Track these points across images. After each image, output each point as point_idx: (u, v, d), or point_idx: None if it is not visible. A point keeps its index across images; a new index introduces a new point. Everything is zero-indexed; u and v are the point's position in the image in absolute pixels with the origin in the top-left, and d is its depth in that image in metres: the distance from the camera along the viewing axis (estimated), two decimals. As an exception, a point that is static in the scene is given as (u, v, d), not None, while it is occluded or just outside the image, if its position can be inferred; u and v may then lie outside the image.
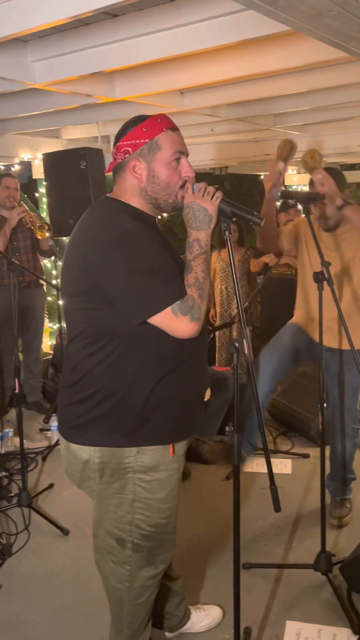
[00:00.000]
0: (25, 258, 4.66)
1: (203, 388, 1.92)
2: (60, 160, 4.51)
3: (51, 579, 2.77)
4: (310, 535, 3.03)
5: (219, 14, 2.38)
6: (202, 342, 1.91)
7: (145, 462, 1.79)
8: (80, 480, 1.88)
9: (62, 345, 4.86)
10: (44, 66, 2.90)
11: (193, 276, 1.69)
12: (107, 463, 1.79)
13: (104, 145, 5.19)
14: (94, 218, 1.77)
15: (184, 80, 3.17)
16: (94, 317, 1.72)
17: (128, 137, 1.76)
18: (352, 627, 2.35)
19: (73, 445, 1.83)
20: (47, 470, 3.91)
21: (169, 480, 1.85)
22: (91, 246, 1.69)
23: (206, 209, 1.74)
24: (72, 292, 1.76)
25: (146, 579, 1.92)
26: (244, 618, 2.15)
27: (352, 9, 1.51)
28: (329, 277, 2.41)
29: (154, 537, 1.87)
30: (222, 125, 4.82)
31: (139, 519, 1.83)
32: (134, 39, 2.62)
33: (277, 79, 3.44)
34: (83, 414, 1.79)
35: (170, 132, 1.77)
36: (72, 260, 1.76)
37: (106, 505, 1.85)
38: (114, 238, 1.66)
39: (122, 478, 1.80)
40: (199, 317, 1.66)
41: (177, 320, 1.63)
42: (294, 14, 1.53)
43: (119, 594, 1.94)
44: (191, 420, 1.89)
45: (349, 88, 3.66)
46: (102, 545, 1.91)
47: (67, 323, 1.86)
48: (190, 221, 1.75)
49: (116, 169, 1.82)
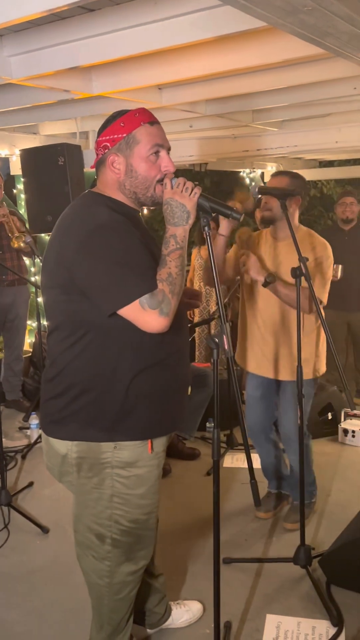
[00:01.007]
0: (8, 256, 4.62)
1: (184, 384, 1.92)
2: (38, 157, 4.47)
3: (31, 577, 2.76)
4: (289, 529, 3.05)
5: (196, 9, 2.37)
6: (183, 337, 1.91)
7: (123, 458, 1.79)
8: (59, 474, 1.88)
9: (41, 343, 4.82)
10: (21, 61, 2.86)
11: (166, 271, 1.69)
12: (84, 458, 1.78)
13: (82, 142, 5.16)
14: (73, 211, 1.78)
15: (162, 76, 3.15)
16: (70, 310, 1.72)
17: (107, 133, 1.77)
18: (330, 619, 2.37)
19: (52, 439, 1.83)
20: (27, 469, 3.89)
21: (149, 476, 1.85)
22: (68, 238, 1.69)
23: (184, 205, 1.73)
24: (50, 284, 1.76)
25: (126, 574, 1.91)
26: (225, 612, 2.16)
27: (326, 4, 1.52)
28: (306, 272, 2.43)
29: (133, 533, 1.87)
30: (201, 121, 4.81)
31: (118, 514, 1.83)
32: (111, 33, 2.59)
33: (255, 75, 3.43)
34: (62, 408, 1.78)
35: (148, 125, 1.77)
36: (50, 253, 1.76)
37: (85, 500, 1.84)
38: (90, 230, 1.66)
39: (101, 473, 1.79)
40: (169, 312, 1.65)
41: (145, 313, 1.63)
42: (268, 9, 1.53)
43: (99, 590, 1.94)
44: (171, 416, 1.89)
45: (327, 85, 3.67)
46: (82, 541, 1.91)
47: (47, 317, 1.85)
48: (168, 217, 1.75)
49: (98, 164, 1.83)
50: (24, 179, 4.64)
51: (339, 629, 2.33)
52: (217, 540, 1.99)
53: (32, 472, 3.82)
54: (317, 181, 8.94)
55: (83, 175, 4.53)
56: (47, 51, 2.77)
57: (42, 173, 4.42)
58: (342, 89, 3.67)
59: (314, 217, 9.63)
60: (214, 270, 1.86)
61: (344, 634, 2.31)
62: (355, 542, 2.50)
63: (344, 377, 2.39)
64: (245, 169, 7.34)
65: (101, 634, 2.00)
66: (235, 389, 1.94)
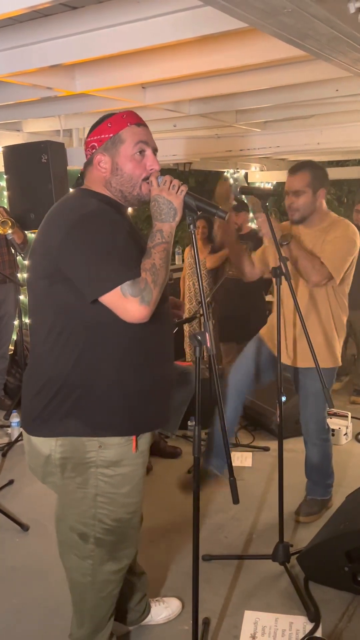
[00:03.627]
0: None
1: (169, 381, 1.93)
2: (21, 154, 4.45)
3: (10, 574, 2.75)
4: (269, 526, 3.07)
5: (178, 9, 2.38)
6: (167, 334, 1.92)
7: (107, 457, 1.79)
8: (43, 475, 1.87)
9: (23, 341, 4.80)
10: (2, 57, 2.85)
11: (150, 262, 1.70)
12: (68, 458, 1.78)
13: (66, 139, 5.14)
14: (61, 204, 1.80)
15: (145, 75, 3.16)
16: (54, 303, 1.74)
17: (95, 133, 1.81)
18: (308, 615, 2.40)
19: (34, 439, 1.82)
20: (7, 467, 3.87)
21: (133, 475, 1.85)
22: (55, 228, 1.71)
23: (171, 202, 1.76)
24: (35, 277, 1.77)
25: (109, 573, 1.92)
26: (203, 609, 2.18)
27: (305, 7, 1.53)
28: (286, 271, 2.45)
29: (117, 532, 1.87)
30: (184, 121, 4.83)
31: (102, 514, 1.83)
32: (94, 31, 2.60)
33: (239, 75, 3.46)
34: (44, 405, 1.78)
35: (135, 126, 1.80)
36: (37, 245, 1.78)
37: (69, 500, 1.85)
38: (76, 219, 1.69)
39: (85, 473, 1.79)
40: (150, 300, 1.66)
41: (126, 300, 1.64)
42: (248, 10, 1.54)
43: (81, 588, 1.94)
44: (156, 412, 1.90)
45: (309, 86, 3.71)
46: (64, 540, 1.91)
47: (30, 313, 1.86)
48: (155, 214, 1.77)
49: (86, 164, 1.86)
50: (7, 175, 4.62)
51: (316, 624, 2.36)
52: (196, 536, 2.01)
53: (13, 470, 3.81)
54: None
55: (66, 173, 4.52)
56: (29, 48, 2.76)
57: (25, 170, 4.40)
58: (325, 91, 3.71)
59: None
60: (197, 268, 1.89)
61: (320, 630, 2.34)
62: (333, 539, 2.53)
63: (321, 375, 2.41)
64: (229, 169, 7.38)
65: (82, 630, 2.00)
66: (217, 387, 1.96)
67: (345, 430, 4.20)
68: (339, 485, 3.49)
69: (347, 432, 4.22)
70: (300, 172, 2.90)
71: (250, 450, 4.05)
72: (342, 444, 4.16)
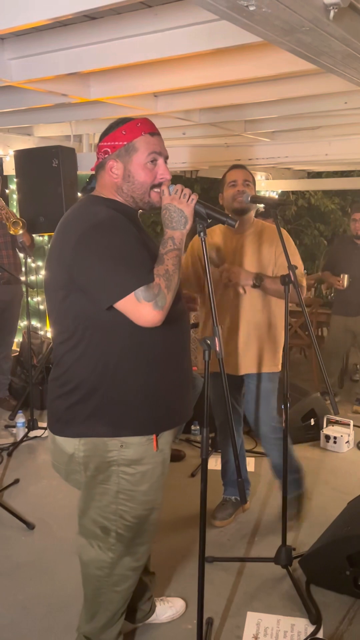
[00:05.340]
0: (5, 254, 4.64)
1: (187, 379, 1.97)
2: (32, 158, 4.52)
3: (16, 572, 2.79)
4: (271, 530, 3.11)
5: (195, 22, 2.44)
6: (185, 334, 1.96)
7: (128, 456, 1.84)
8: (66, 473, 1.93)
9: (30, 343, 4.85)
10: (21, 64, 2.92)
11: (163, 268, 1.75)
12: (91, 457, 1.83)
13: (76, 144, 5.21)
14: (73, 213, 1.84)
15: (158, 84, 3.23)
16: (72, 310, 1.78)
17: (108, 139, 1.84)
18: (309, 618, 2.44)
19: (58, 438, 1.87)
20: (13, 466, 3.92)
21: (152, 473, 1.90)
22: (68, 237, 1.75)
23: (182, 211, 1.81)
24: (54, 287, 1.81)
25: (127, 568, 1.97)
26: (206, 609, 2.21)
27: (322, 25, 1.59)
28: (295, 280, 2.51)
29: (135, 528, 1.92)
30: (194, 129, 4.89)
31: (122, 510, 1.88)
32: (111, 42, 2.66)
33: (249, 86, 3.52)
34: (68, 407, 1.83)
35: (148, 136, 1.84)
36: (52, 255, 1.82)
37: (91, 494, 1.89)
38: (87, 227, 1.72)
39: (107, 471, 1.84)
40: (163, 305, 1.70)
41: (140, 306, 1.67)
42: (268, 28, 1.60)
43: (97, 582, 1.98)
44: (176, 410, 1.94)
45: (317, 98, 3.77)
46: (86, 533, 1.95)
47: (50, 320, 1.90)
48: (167, 222, 1.82)
49: (97, 168, 1.90)
50: (17, 179, 4.68)
51: (317, 626, 2.40)
52: (203, 536, 2.05)
53: (18, 469, 3.85)
54: (305, 192, 9.08)
55: (76, 178, 4.59)
56: (47, 56, 2.83)
57: (35, 174, 4.47)
58: (334, 103, 3.77)
59: (301, 227, 9.77)
60: (207, 274, 1.93)
61: (322, 632, 2.38)
62: (334, 543, 2.57)
63: (328, 381, 2.46)
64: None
65: (91, 624, 2.04)
66: (225, 390, 2.00)
67: (348, 438, 4.25)
68: (340, 491, 3.54)
69: (349, 440, 4.27)
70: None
71: (252, 455, 4.09)
72: (344, 452, 4.21)
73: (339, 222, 9.66)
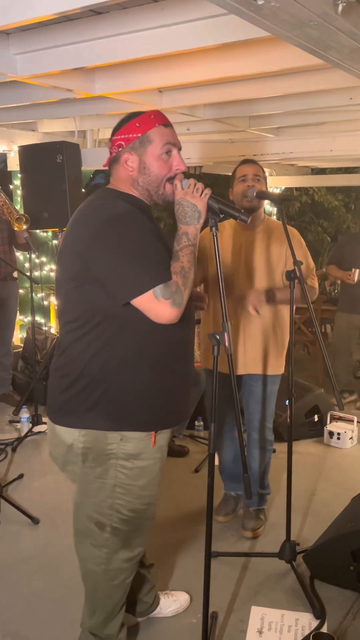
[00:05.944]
0: (1, 250, 4.65)
1: (189, 380, 1.98)
2: (37, 153, 4.51)
3: (21, 566, 2.80)
4: (276, 525, 3.12)
5: (201, 17, 2.44)
6: (190, 333, 1.96)
7: (127, 450, 1.84)
8: (63, 463, 1.93)
9: (34, 338, 4.87)
10: (26, 59, 2.91)
11: (179, 265, 1.75)
12: (90, 448, 1.84)
13: (80, 140, 5.21)
14: (88, 205, 1.83)
15: (163, 79, 3.22)
16: (84, 301, 1.77)
17: (122, 132, 1.84)
18: (313, 612, 2.45)
19: (58, 428, 1.87)
20: (17, 461, 3.93)
21: (151, 469, 1.90)
22: (84, 229, 1.75)
23: (196, 205, 1.81)
24: (66, 277, 1.81)
25: (122, 561, 1.97)
26: (211, 603, 2.22)
27: (331, 20, 1.59)
28: (300, 275, 2.50)
29: (132, 522, 1.93)
30: (198, 125, 4.89)
31: (119, 504, 1.88)
32: (117, 36, 2.66)
33: (254, 82, 3.51)
34: (70, 397, 1.83)
35: (162, 127, 1.84)
36: (66, 246, 1.81)
37: (88, 489, 1.90)
38: (105, 220, 1.72)
39: (105, 464, 1.85)
40: (181, 303, 1.71)
41: (159, 303, 1.68)
42: (276, 22, 1.60)
43: (95, 577, 1.99)
44: (177, 409, 1.95)
45: (323, 94, 3.76)
46: (81, 529, 1.96)
47: (60, 311, 1.90)
48: (180, 216, 1.82)
49: (112, 161, 1.89)
50: (22, 175, 4.69)
51: (322, 621, 2.41)
52: (209, 530, 2.06)
53: (23, 464, 3.87)
54: (309, 188, 9.06)
55: (80, 174, 4.58)
56: (53, 51, 2.83)
57: (40, 170, 4.46)
58: (339, 99, 3.76)
59: (305, 224, 9.75)
60: (219, 270, 1.92)
61: (326, 626, 2.39)
62: (338, 538, 2.58)
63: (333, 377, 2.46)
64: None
65: (93, 619, 2.05)
66: (233, 386, 2.00)
67: (351, 434, 4.25)
68: (344, 487, 3.54)
69: (353, 436, 4.27)
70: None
71: (256, 451, 4.09)
72: (348, 448, 4.21)
73: (343, 219, 9.64)
